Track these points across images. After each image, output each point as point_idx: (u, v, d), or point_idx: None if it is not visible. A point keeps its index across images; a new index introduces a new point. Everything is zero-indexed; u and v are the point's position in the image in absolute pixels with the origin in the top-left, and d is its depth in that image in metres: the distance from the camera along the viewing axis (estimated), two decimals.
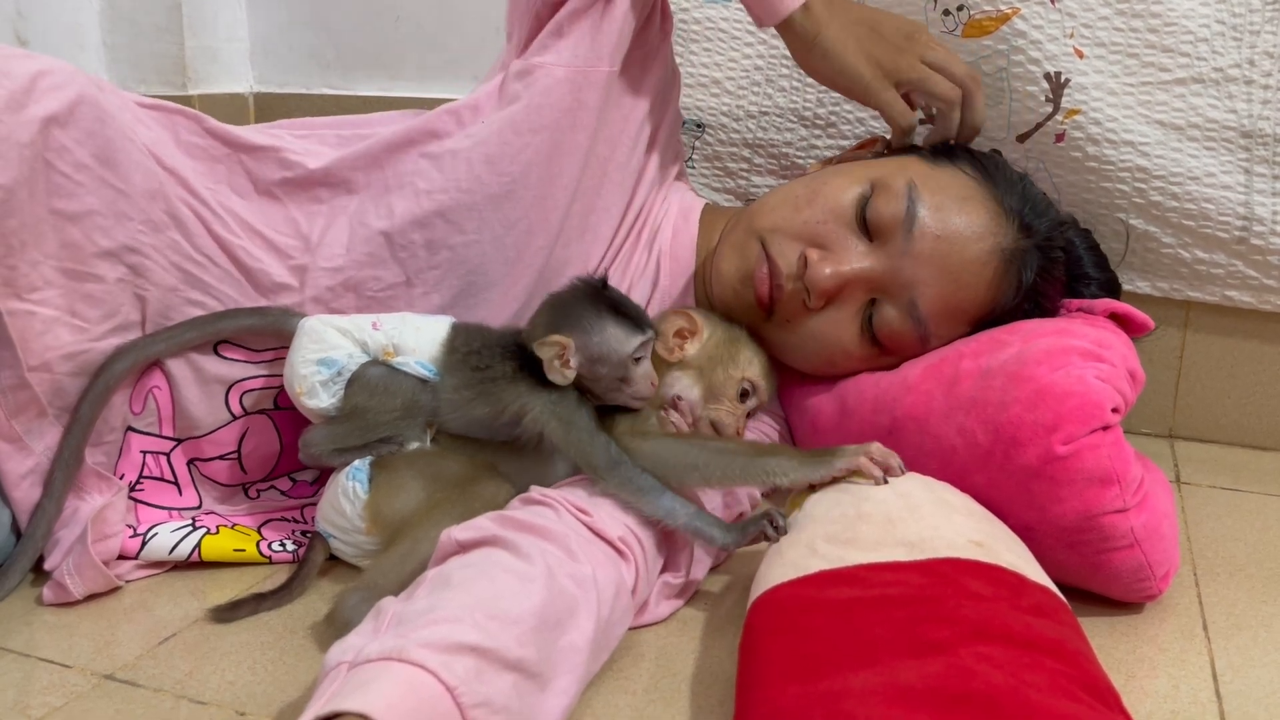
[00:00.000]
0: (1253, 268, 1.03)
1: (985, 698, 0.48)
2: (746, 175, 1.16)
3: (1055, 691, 0.49)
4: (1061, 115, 1.01)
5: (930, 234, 0.82)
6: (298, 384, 0.77)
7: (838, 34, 0.85)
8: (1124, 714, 0.51)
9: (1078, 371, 0.73)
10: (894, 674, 0.51)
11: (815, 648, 0.55)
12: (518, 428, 0.76)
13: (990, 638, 0.53)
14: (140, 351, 0.80)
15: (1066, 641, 0.55)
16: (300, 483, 0.91)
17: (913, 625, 0.55)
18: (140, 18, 1.44)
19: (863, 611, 0.57)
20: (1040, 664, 0.51)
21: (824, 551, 0.63)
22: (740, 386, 0.84)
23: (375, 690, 0.49)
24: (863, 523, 0.65)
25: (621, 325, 0.74)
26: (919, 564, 0.60)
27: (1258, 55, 0.99)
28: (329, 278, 0.84)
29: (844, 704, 0.49)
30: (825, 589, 0.60)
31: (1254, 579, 0.82)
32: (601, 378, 0.74)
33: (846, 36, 0.86)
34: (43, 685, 0.66)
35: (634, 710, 0.64)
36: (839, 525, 0.66)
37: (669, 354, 0.84)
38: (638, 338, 0.74)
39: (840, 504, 0.68)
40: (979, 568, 0.60)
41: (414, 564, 0.69)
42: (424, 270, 0.85)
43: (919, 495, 0.68)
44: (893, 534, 0.63)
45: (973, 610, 0.55)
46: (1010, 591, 0.58)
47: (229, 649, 0.70)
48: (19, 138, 0.72)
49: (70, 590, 0.74)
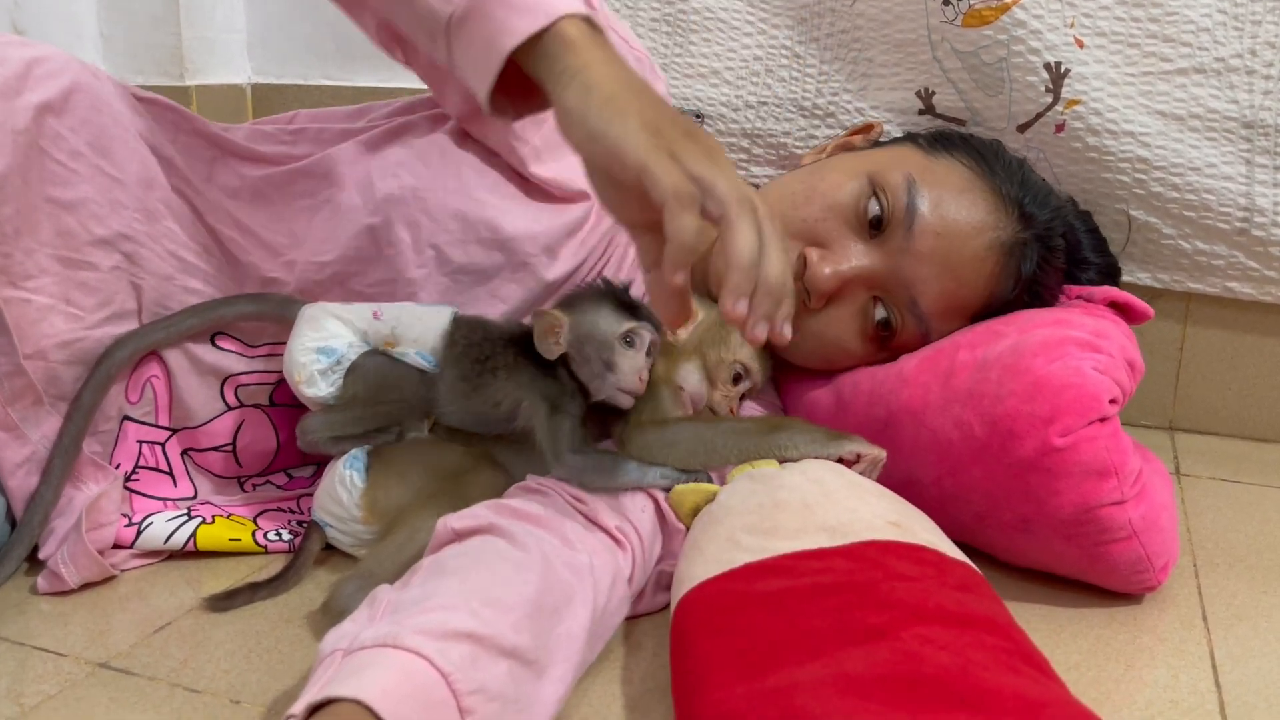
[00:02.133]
0: (1254, 259, 1.02)
1: (935, 680, 0.48)
2: (745, 165, 1.16)
3: (1000, 667, 0.49)
4: (1062, 105, 1.01)
5: (930, 231, 0.81)
6: (297, 372, 0.77)
7: (607, 81, 0.56)
8: (1058, 681, 0.52)
9: (1075, 363, 0.73)
10: (840, 664, 0.50)
11: (755, 643, 0.54)
12: (514, 421, 0.75)
13: (927, 618, 0.53)
14: (141, 340, 0.80)
15: (996, 616, 0.55)
16: (297, 478, 0.91)
17: (849, 611, 0.54)
18: (137, 8, 1.43)
19: (796, 602, 0.56)
20: (980, 641, 0.51)
21: (746, 543, 0.62)
22: (733, 370, 0.83)
23: (370, 676, 0.49)
24: (780, 511, 0.64)
25: (618, 310, 0.74)
26: (843, 549, 0.59)
27: (1259, 45, 0.98)
28: (317, 272, 0.84)
29: (796, 699, 0.49)
30: (754, 582, 0.59)
31: (1254, 570, 0.82)
32: (589, 360, 0.73)
33: (620, 89, 0.56)
34: (37, 673, 0.66)
35: (631, 699, 0.64)
36: (757, 515, 0.64)
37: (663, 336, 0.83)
38: (630, 323, 0.74)
39: (755, 493, 0.67)
40: (901, 548, 0.60)
41: (410, 553, 0.69)
42: (410, 267, 0.84)
43: (830, 480, 0.67)
44: (812, 520, 0.62)
45: (905, 592, 0.55)
46: (935, 570, 0.58)
47: (224, 638, 0.70)
48: (13, 125, 0.72)
49: (65, 579, 0.74)
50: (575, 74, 0.55)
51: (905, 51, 1.07)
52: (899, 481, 0.84)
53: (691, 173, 0.52)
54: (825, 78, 1.11)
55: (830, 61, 1.11)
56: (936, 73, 1.06)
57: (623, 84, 0.55)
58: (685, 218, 0.50)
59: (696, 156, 0.53)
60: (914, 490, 0.83)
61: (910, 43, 1.06)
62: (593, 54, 0.56)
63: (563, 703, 0.58)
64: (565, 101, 0.55)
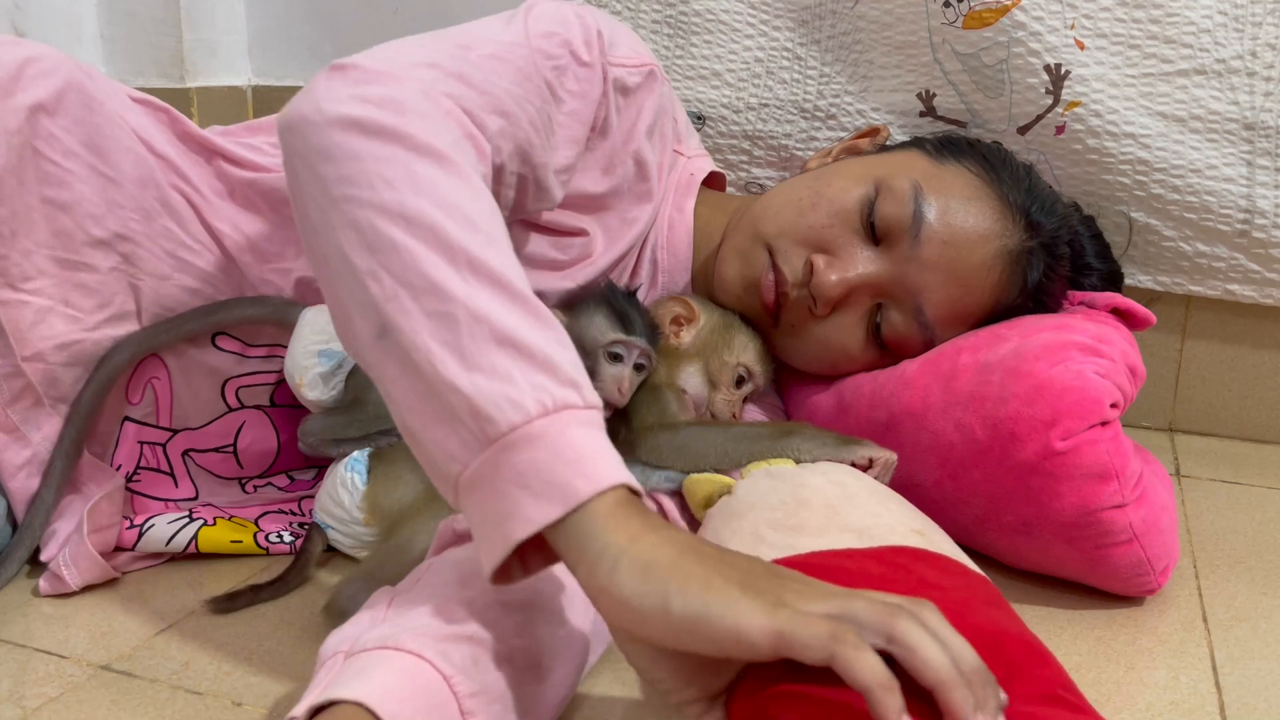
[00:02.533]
0: (1254, 261, 1.02)
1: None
2: (747, 167, 1.16)
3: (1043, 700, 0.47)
4: (1062, 107, 1.01)
5: (937, 239, 0.81)
6: (298, 375, 0.77)
7: (663, 550, 0.48)
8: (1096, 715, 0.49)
9: (1076, 367, 0.73)
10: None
11: None
12: None
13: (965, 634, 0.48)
14: (141, 343, 0.80)
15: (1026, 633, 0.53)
16: (299, 481, 0.91)
17: None
18: (138, 10, 1.43)
19: None
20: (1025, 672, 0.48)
21: (772, 539, 0.60)
22: (736, 373, 0.83)
23: (372, 678, 0.49)
24: (804, 509, 0.63)
25: (610, 319, 0.74)
26: (873, 552, 0.58)
27: (1260, 47, 0.98)
28: (312, 282, 0.83)
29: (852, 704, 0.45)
30: None
31: (1254, 571, 0.82)
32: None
33: (678, 554, 0.47)
34: (39, 675, 0.66)
35: (632, 703, 0.64)
36: (780, 511, 0.63)
37: (665, 341, 0.83)
38: (618, 334, 0.74)
39: (776, 490, 0.66)
40: (930, 557, 0.59)
41: (412, 554, 0.69)
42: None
43: (851, 483, 0.66)
44: (836, 520, 0.61)
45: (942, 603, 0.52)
46: (964, 583, 0.57)
47: (226, 640, 0.70)
48: (7, 125, 0.72)
49: (67, 581, 0.74)
50: (621, 553, 0.47)
51: (906, 53, 1.07)
52: (900, 484, 0.84)
53: (824, 613, 0.44)
54: (826, 80, 1.11)
55: (831, 63, 1.11)
56: (937, 74, 1.06)
57: (680, 546, 0.47)
58: (866, 657, 0.41)
59: (808, 595, 0.45)
60: (915, 492, 0.83)
61: (911, 45, 1.06)
62: (633, 523, 0.48)
63: (564, 705, 0.58)
64: (618, 588, 0.46)
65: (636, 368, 0.76)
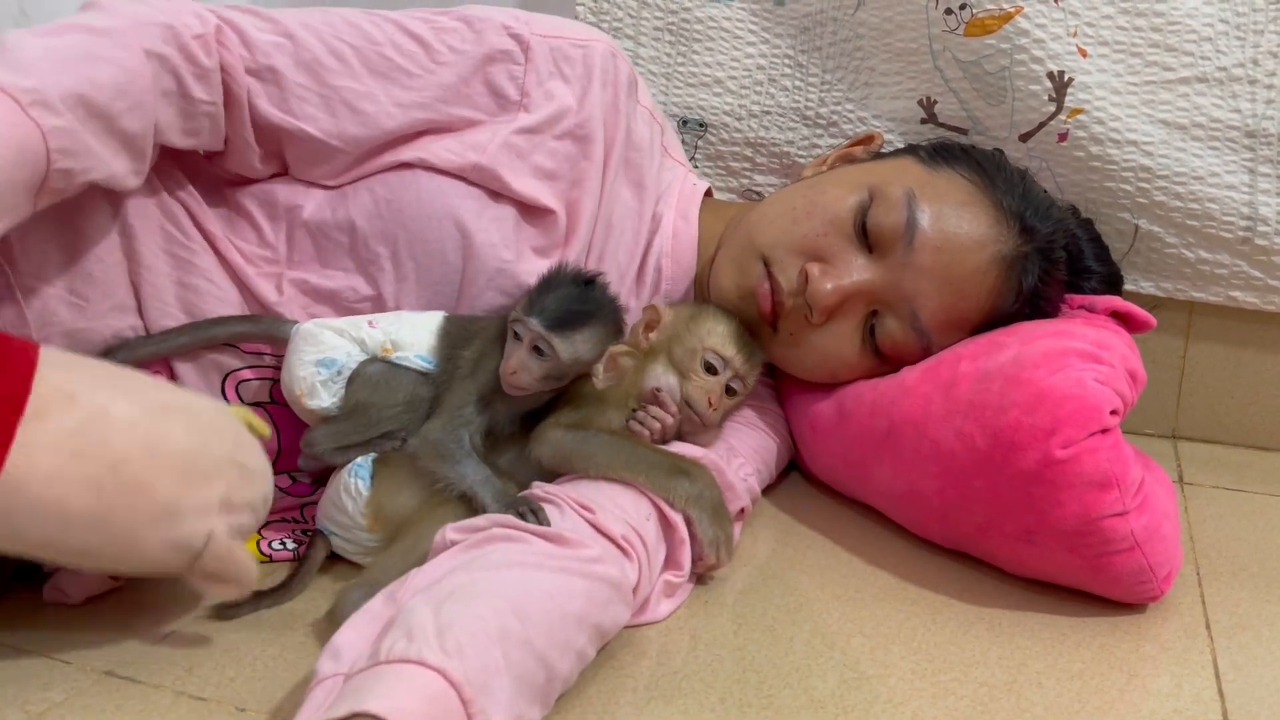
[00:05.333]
0: (1257, 268, 1.02)
1: None
2: (749, 174, 1.16)
3: None
4: (1065, 114, 1.01)
5: (931, 245, 0.81)
6: (297, 386, 0.77)
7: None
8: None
9: (1076, 374, 0.73)
10: None
11: None
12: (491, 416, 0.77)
13: None
14: (130, 353, 0.79)
15: None
16: (300, 482, 0.91)
17: None
18: None
19: None
20: None
21: None
22: (702, 358, 0.81)
23: (382, 691, 0.50)
24: None
25: (526, 299, 0.76)
26: None
27: (1261, 55, 0.99)
28: (302, 286, 0.83)
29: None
30: None
31: (1257, 579, 0.82)
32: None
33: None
34: (43, 681, 0.66)
35: (635, 707, 0.64)
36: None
37: (637, 346, 0.82)
38: (519, 313, 0.75)
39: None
40: None
41: (415, 561, 0.69)
42: (391, 284, 0.83)
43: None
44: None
45: None
46: None
47: (229, 646, 0.70)
48: None
49: (69, 595, 0.74)
50: None
51: (907, 60, 1.07)
52: (901, 493, 0.84)
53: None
54: (828, 87, 1.12)
55: (833, 71, 1.11)
56: (938, 82, 1.06)
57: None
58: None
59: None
60: (916, 501, 0.83)
61: (912, 52, 1.07)
62: None
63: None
64: None
65: (535, 350, 0.75)
